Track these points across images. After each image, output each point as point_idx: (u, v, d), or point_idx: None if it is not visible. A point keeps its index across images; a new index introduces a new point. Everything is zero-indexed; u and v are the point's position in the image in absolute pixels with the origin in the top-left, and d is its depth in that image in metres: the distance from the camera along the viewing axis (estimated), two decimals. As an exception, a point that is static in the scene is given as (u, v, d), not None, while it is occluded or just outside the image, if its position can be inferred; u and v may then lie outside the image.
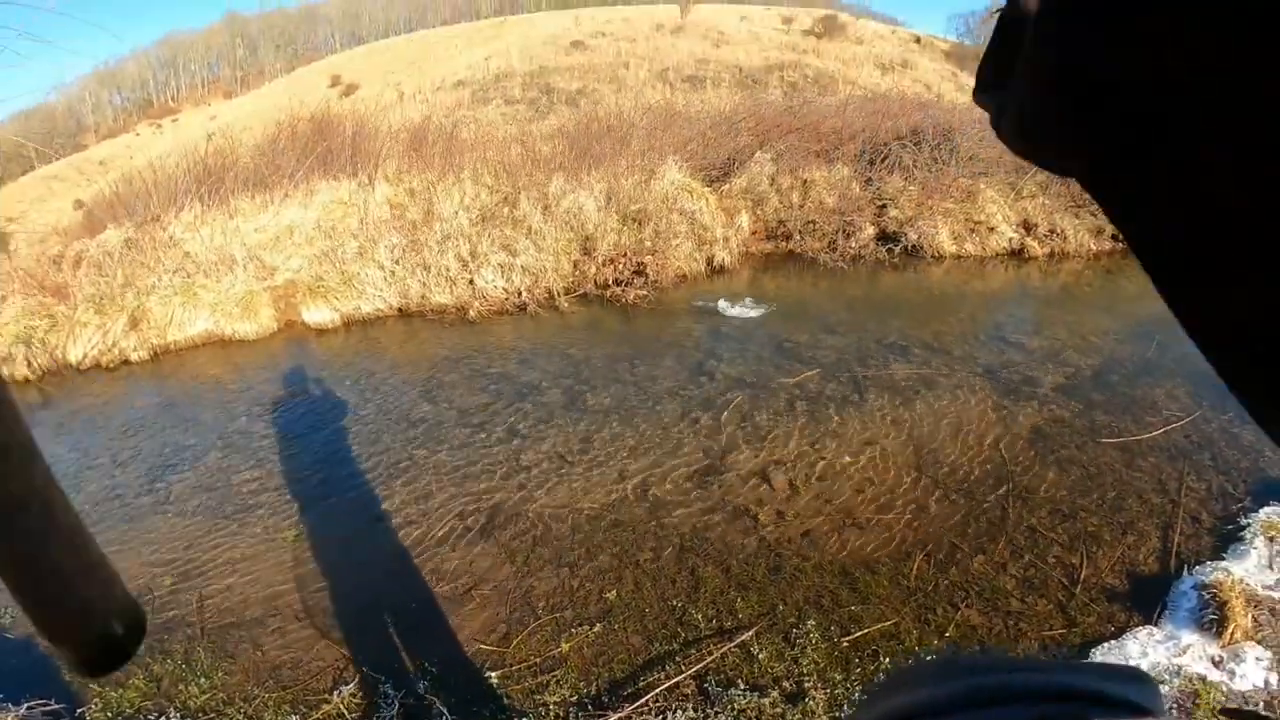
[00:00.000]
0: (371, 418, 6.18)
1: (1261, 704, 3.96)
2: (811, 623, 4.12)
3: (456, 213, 9.78)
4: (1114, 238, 14.36)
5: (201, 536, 4.98)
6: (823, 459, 5.80)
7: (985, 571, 4.78)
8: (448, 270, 9.08)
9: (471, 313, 8.67)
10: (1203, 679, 4.07)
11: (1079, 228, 12.37)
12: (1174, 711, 3.52)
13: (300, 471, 5.49)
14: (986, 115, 0.35)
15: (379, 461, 5.58)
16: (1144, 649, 4.33)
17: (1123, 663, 3.74)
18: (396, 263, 9.13)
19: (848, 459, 5.82)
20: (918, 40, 39.46)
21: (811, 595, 4.39)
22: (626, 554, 4.53)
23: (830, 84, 21.66)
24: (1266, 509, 5.71)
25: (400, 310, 8.87)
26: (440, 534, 4.67)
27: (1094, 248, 13.33)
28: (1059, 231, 11.78)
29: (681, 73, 24.62)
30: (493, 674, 3.57)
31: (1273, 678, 4.13)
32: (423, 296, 8.98)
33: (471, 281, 9.04)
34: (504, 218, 9.79)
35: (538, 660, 3.65)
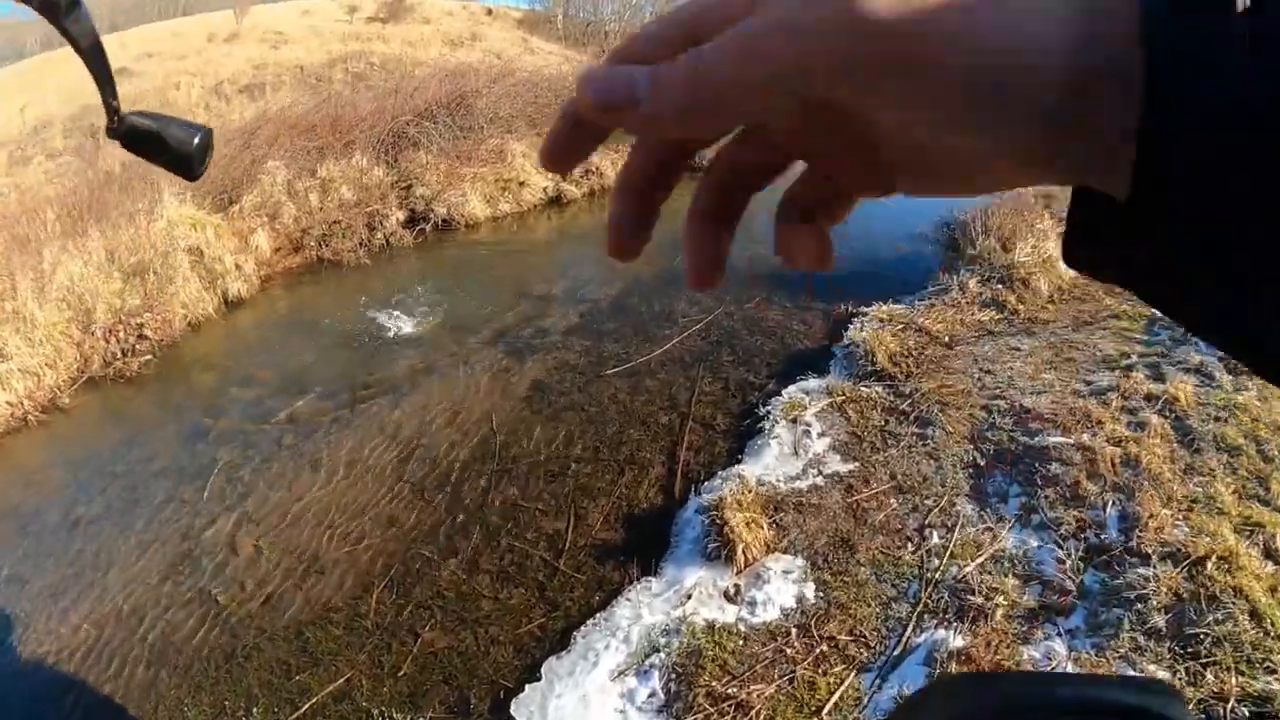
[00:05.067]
0: None
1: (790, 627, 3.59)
2: (257, 710, 3.54)
3: (-66, 330, 7.38)
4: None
5: None
6: (297, 500, 4.96)
7: (456, 577, 4.18)
8: (-74, 408, 6.78)
9: (-38, 449, 6.58)
10: (710, 627, 3.52)
11: (618, 161, 12.55)
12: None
13: None
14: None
15: None
16: (638, 612, 3.70)
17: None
18: None
19: (321, 491, 5.01)
20: (489, 12, 39.51)
21: (263, 675, 3.74)
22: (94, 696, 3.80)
23: (398, 67, 20.60)
24: (790, 387, 5.55)
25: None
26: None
27: (635, 177, 13.60)
28: (596, 170, 11.75)
29: (238, 83, 22.11)
30: None
31: (807, 590, 3.66)
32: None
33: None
34: (-1, 314, 7.58)
35: None
